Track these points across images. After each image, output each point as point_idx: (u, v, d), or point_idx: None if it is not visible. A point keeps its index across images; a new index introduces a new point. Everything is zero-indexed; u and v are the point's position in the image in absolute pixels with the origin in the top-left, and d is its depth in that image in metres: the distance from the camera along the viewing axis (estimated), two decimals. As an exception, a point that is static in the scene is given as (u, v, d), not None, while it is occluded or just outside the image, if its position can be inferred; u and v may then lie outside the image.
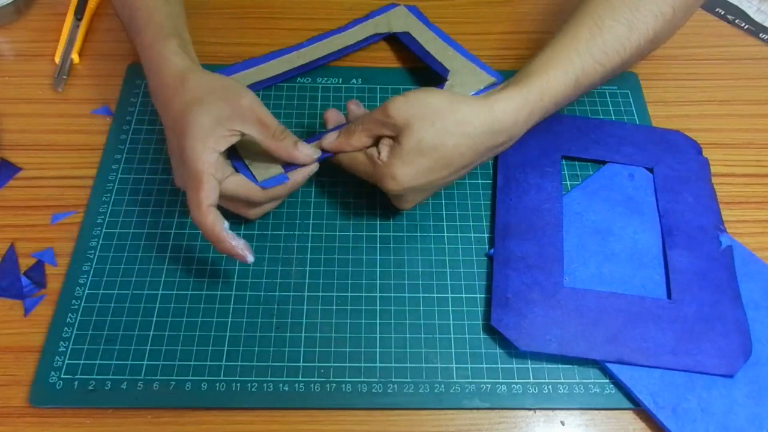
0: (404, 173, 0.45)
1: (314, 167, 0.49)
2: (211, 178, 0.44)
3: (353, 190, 0.54)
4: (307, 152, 0.48)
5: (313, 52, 0.60)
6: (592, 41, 0.50)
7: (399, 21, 0.64)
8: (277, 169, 0.48)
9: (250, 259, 0.45)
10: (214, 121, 0.44)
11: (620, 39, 0.50)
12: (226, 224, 0.44)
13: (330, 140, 0.49)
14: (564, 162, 0.56)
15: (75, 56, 0.62)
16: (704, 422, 0.43)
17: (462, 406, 0.44)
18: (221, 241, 0.44)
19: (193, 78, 0.46)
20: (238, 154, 0.48)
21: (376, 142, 0.48)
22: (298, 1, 0.68)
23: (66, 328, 0.46)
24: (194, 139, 0.44)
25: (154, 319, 0.47)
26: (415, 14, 0.64)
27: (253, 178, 0.47)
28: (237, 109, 0.45)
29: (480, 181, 0.55)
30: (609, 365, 0.45)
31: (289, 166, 0.48)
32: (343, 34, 0.63)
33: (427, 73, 0.61)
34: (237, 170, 0.47)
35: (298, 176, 0.48)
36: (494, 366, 0.46)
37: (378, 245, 0.51)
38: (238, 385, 0.45)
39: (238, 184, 0.46)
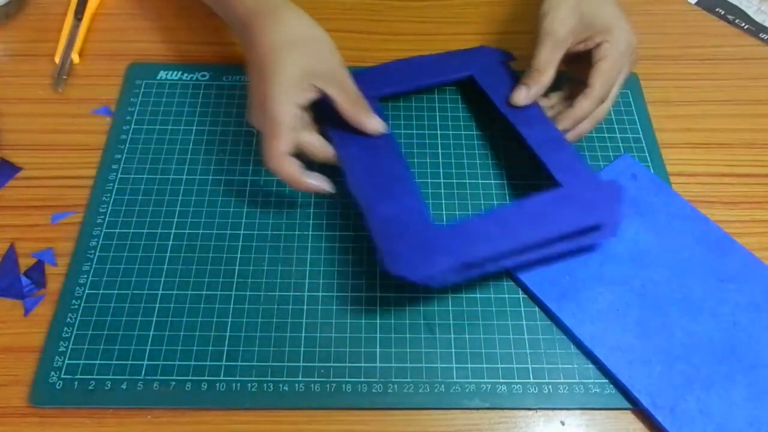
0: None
1: None
2: (289, 130, 0.45)
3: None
4: (375, 124, 0.49)
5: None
6: None
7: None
8: None
9: (331, 190, 0.47)
10: (300, 73, 0.45)
11: None
12: (302, 165, 0.46)
13: (523, 94, 0.52)
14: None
15: (75, 56, 0.62)
16: (702, 423, 0.43)
17: (462, 406, 0.44)
18: (299, 183, 0.46)
19: (288, 18, 0.47)
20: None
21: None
22: (298, 1, 0.68)
23: (66, 328, 0.46)
24: (279, 89, 0.45)
25: (154, 319, 0.47)
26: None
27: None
28: (323, 66, 0.47)
29: (480, 181, 0.55)
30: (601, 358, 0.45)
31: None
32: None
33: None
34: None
35: None
36: (494, 366, 0.46)
37: (378, 245, 0.51)
38: (238, 385, 0.45)
39: (310, 142, 0.47)
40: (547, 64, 0.51)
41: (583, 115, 0.51)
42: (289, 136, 0.45)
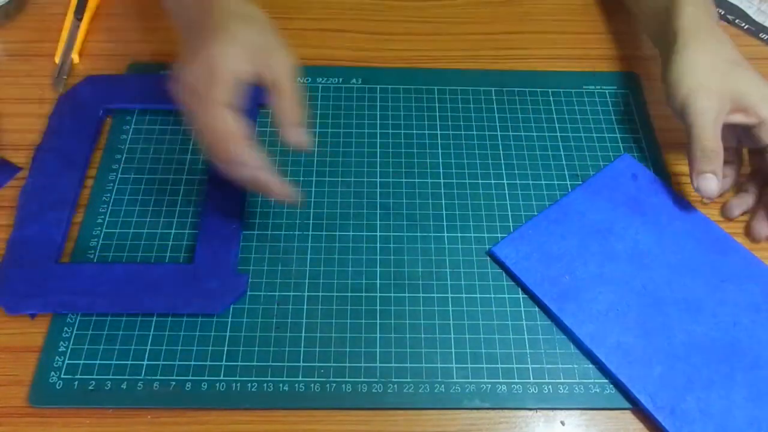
0: None
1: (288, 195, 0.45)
2: (232, 79, 0.40)
3: (354, 190, 0.54)
4: (299, 138, 0.43)
5: None
6: None
7: None
8: None
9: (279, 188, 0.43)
10: (252, 46, 0.41)
11: None
12: (248, 129, 0.41)
13: (713, 183, 0.47)
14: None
15: (75, 56, 0.62)
16: (702, 423, 0.43)
17: (462, 406, 0.44)
18: (238, 142, 0.39)
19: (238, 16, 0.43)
20: None
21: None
22: (298, 2, 0.68)
23: (66, 328, 0.46)
24: (228, 45, 0.40)
25: (154, 318, 0.47)
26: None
27: None
28: (279, 53, 0.43)
29: (480, 181, 0.55)
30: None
31: None
32: None
33: (426, 73, 0.61)
34: None
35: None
36: (494, 366, 0.46)
37: (378, 245, 0.51)
38: (238, 385, 0.45)
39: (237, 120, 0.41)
40: (717, 142, 0.46)
41: None
42: (228, 88, 0.39)
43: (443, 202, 0.53)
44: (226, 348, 0.46)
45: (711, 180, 0.47)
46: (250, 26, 0.43)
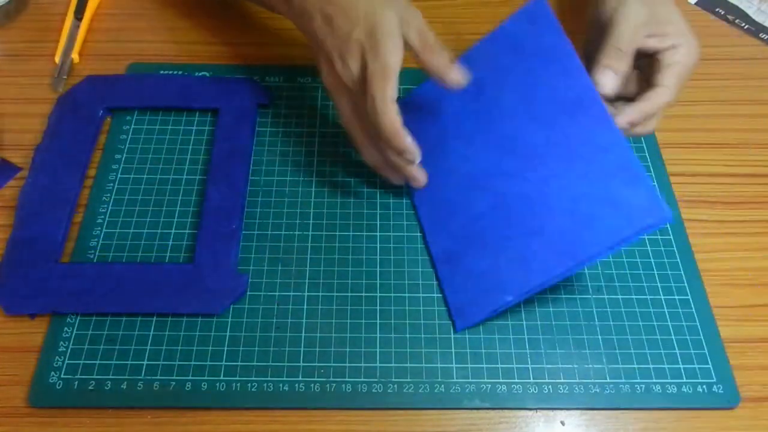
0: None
1: None
2: (397, 75, 0.44)
3: (354, 190, 0.54)
4: (458, 75, 0.46)
5: None
6: None
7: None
8: None
9: (418, 159, 0.46)
10: (399, 22, 0.45)
11: None
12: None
13: (610, 77, 0.47)
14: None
15: (75, 56, 0.62)
16: (465, 283, 0.47)
17: (462, 406, 0.44)
18: (401, 135, 0.44)
19: None
20: None
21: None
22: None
23: (66, 328, 0.46)
24: (388, 35, 0.44)
25: (154, 318, 0.47)
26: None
27: None
28: (399, 8, 0.45)
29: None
30: None
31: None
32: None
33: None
34: None
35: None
36: (494, 366, 0.46)
37: (378, 245, 0.51)
38: (238, 385, 0.45)
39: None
40: (631, 44, 0.47)
41: (652, 111, 0.47)
42: (396, 81, 0.43)
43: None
44: (226, 348, 0.46)
45: (612, 77, 0.47)
46: (392, 3, 0.45)
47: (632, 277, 0.50)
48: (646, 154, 0.57)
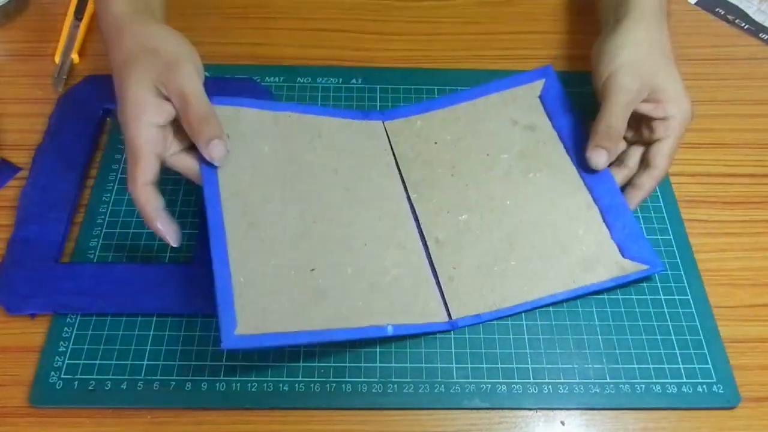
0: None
1: None
2: (150, 155, 0.42)
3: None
4: (214, 150, 0.44)
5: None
6: None
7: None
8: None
9: (173, 243, 0.44)
10: (148, 89, 0.42)
11: None
12: (162, 203, 0.44)
13: (604, 158, 0.49)
14: None
15: (75, 56, 0.62)
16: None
17: (462, 406, 0.44)
18: (150, 220, 0.43)
19: (130, 30, 0.44)
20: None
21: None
22: (298, 1, 0.68)
23: (66, 328, 0.46)
24: (130, 112, 0.42)
25: (155, 318, 0.47)
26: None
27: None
28: (169, 75, 0.43)
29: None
30: None
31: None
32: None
33: (426, 73, 0.61)
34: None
35: None
36: (494, 366, 0.46)
37: (378, 245, 0.51)
38: (239, 385, 0.45)
39: (187, 167, 0.45)
40: (623, 124, 0.49)
41: (646, 195, 0.50)
42: (150, 164, 0.42)
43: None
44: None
45: (604, 155, 0.49)
46: (147, 62, 0.43)
47: (632, 277, 0.50)
48: (646, 154, 0.57)
